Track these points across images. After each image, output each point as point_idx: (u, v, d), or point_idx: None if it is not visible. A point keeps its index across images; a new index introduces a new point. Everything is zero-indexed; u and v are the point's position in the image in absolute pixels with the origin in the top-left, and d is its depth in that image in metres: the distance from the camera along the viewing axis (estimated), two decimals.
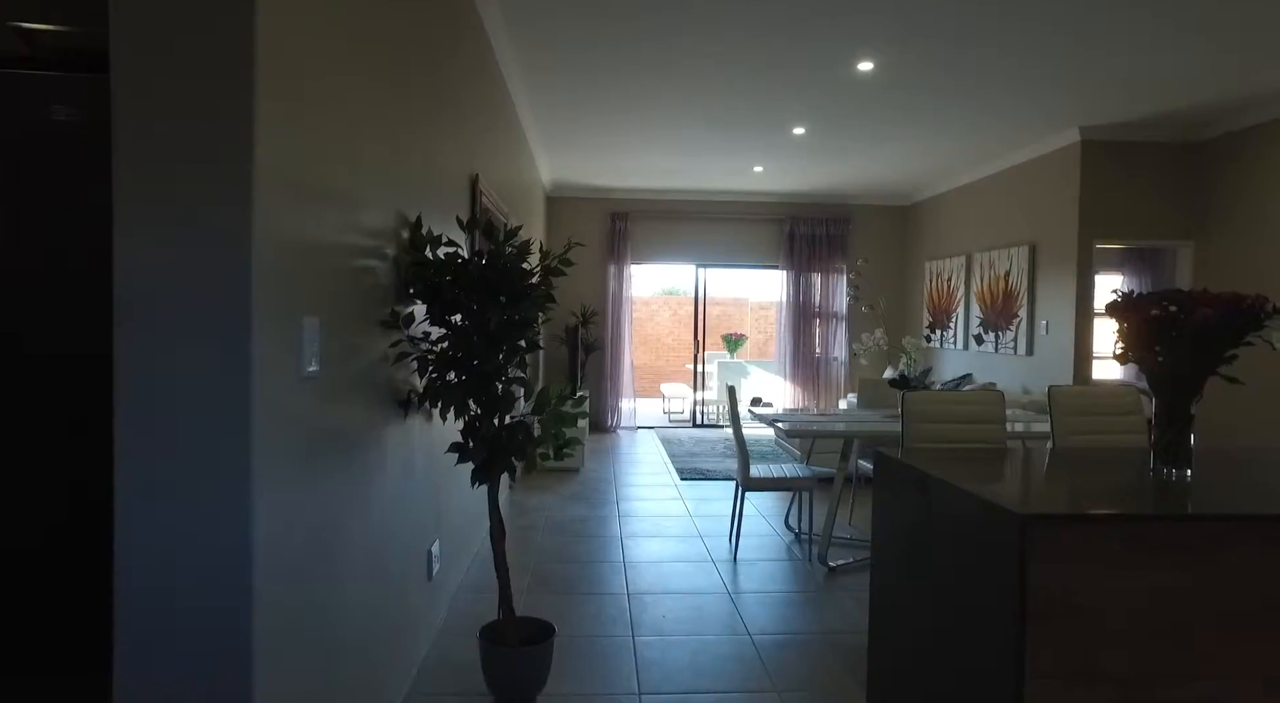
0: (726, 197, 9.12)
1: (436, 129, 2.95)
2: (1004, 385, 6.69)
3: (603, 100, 5.36)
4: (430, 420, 2.86)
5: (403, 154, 2.43)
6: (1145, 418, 2.99)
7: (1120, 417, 2.90)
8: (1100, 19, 3.85)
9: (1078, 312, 5.89)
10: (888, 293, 9.23)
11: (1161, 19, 3.79)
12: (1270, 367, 5.06)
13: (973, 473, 2.20)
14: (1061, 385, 2.88)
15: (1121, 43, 4.18)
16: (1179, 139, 5.88)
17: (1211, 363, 2.06)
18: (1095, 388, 2.91)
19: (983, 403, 2.73)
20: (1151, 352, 2.09)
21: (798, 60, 4.46)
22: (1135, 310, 2.08)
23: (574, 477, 6.22)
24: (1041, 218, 6.34)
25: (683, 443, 8.06)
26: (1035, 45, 4.24)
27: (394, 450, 2.38)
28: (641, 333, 13.39)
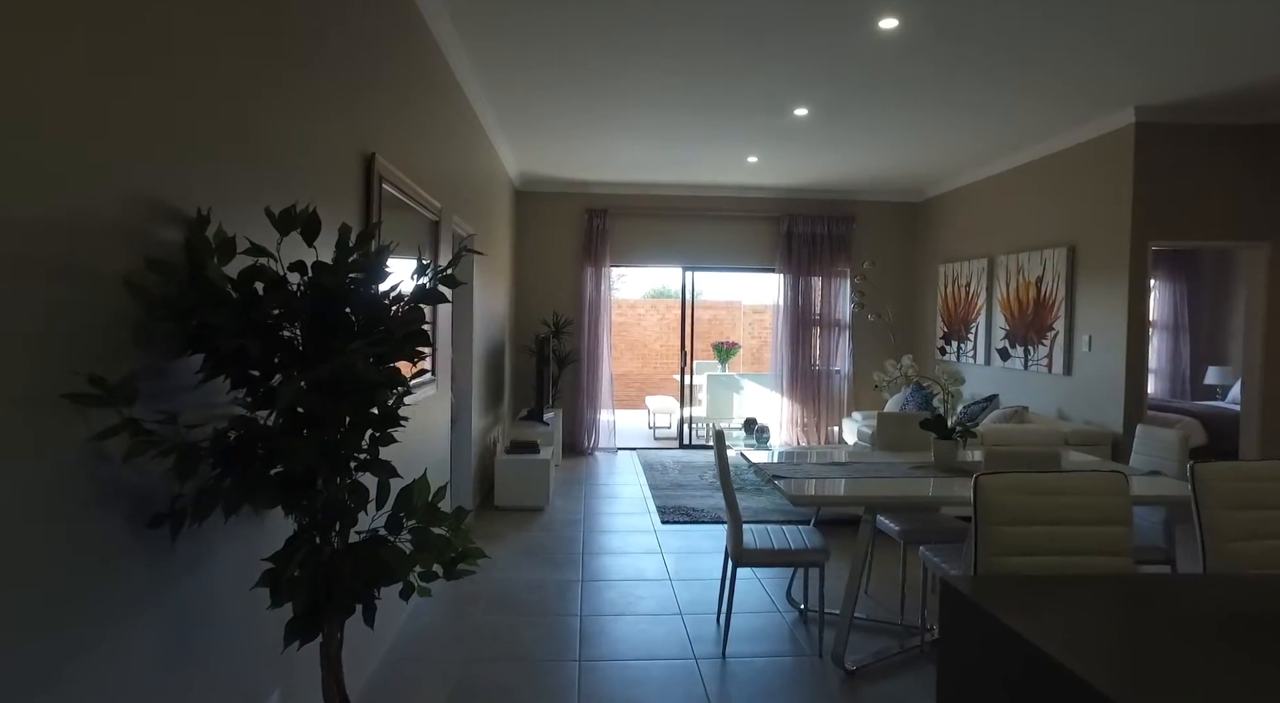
0: (717, 192, 8.18)
1: (291, 84, 2.00)
2: (1037, 409, 5.78)
3: (569, 77, 4.42)
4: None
5: (183, 103, 1.49)
6: None
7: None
8: None
9: (1130, 325, 4.98)
10: (896, 299, 8.31)
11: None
12: None
13: (1113, 655, 1.28)
14: (1211, 463, 1.96)
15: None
16: (1253, 120, 4.97)
17: None
18: (1259, 468, 2.00)
19: (1098, 493, 1.81)
20: None
21: (808, 17, 3.53)
22: None
23: (537, 518, 5.28)
24: (1084, 215, 5.42)
25: (667, 469, 7.13)
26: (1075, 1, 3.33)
27: (156, 597, 1.44)
28: (627, 338, 12.47)
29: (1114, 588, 1.61)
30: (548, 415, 6.66)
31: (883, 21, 3.56)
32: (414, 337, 1.58)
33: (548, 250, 8.15)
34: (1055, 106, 4.93)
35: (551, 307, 8.02)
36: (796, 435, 8.28)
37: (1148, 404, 5.21)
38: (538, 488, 5.49)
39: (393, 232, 2.96)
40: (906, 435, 4.03)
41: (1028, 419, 5.59)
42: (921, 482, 3.24)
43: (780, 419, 8.28)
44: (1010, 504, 1.78)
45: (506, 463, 5.48)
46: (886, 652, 3.20)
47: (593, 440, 8.06)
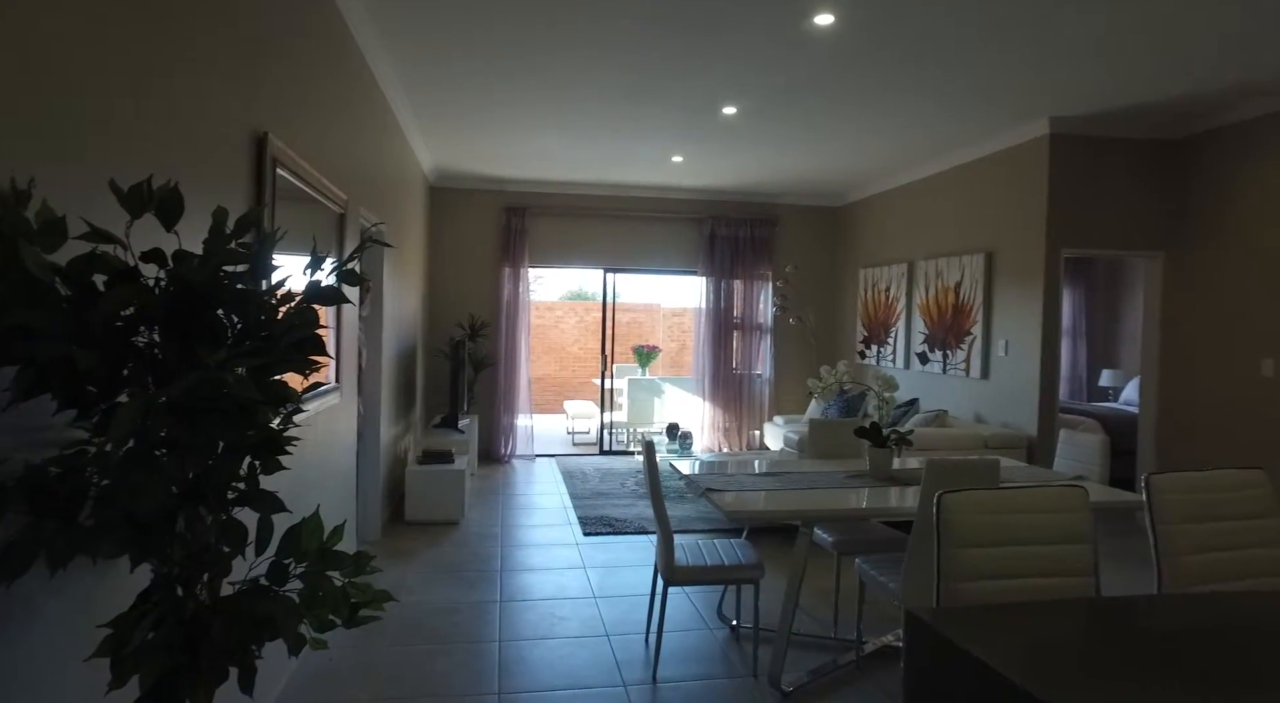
0: (640, 192, 8.02)
1: (162, 36, 1.68)
2: (955, 412, 5.86)
3: (486, 67, 4.14)
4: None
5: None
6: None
7: (1252, 521, 1.95)
8: None
9: (1044, 331, 5.09)
10: (817, 303, 8.36)
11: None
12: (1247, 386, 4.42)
13: (1093, 688, 1.15)
14: (1164, 475, 1.90)
15: (1099, 11, 3.33)
16: (1155, 135, 5.17)
17: None
18: (1215, 477, 1.96)
19: (1059, 510, 1.72)
20: None
21: (741, 8, 3.38)
22: None
23: (451, 533, 4.95)
24: (1001, 222, 5.53)
25: (588, 477, 6.90)
26: (1006, 12, 3.34)
27: None
28: (545, 341, 12.16)
29: (1090, 613, 1.50)
30: (463, 422, 6.32)
31: (818, 17, 3.45)
32: (306, 344, 1.31)
33: (464, 250, 7.79)
34: (975, 115, 4.99)
35: (467, 308, 7.67)
36: (718, 440, 8.20)
37: (1060, 413, 5.35)
38: (452, 500, 5.16)
39: (292, 226, 2.63)
40: (839, 443, 3.94)
41: (947, 423, 5.65)
42: (857, 492, 3.14)
43: (702, 424, 8.19)
44: (974, 524, 1.66)
45: (418, 474, 5.13)
46: (823, 670, 3.08)
47: (510, 447, 7.75)
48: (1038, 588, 1.73)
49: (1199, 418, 4.97)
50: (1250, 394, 4.62)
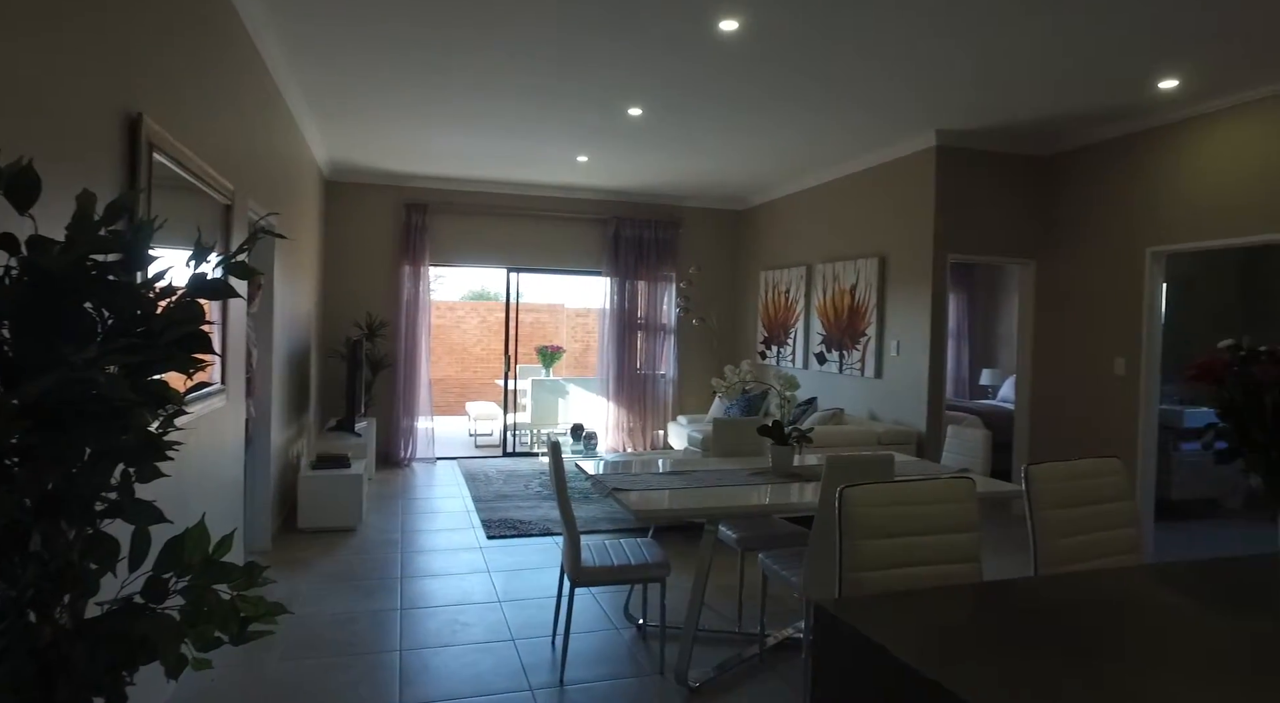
0: (545, 191, 7.95)
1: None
2: (851, 410, 6.11)
3: (384, 58, 3.99)
4: None
5: None
6: (1133, 506, 2.22)
7: (1109, 504, 2.11)
8: (968, 3, 3.21)
9: (932, 333, 5.37)
10: (720, 304, 8.53)
11: (1013, 16, 3.17)
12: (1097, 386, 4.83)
13: (984, 665, 1.22)
14: (1042, 465, 2.04)
15: (977, 33, 3.58)
16: (1028, 151, 5.55)
17: None
18: (1080, 466, 2.12)
19: (949, 501, 1.81)
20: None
21: (651, 9, 3.40)
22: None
23: (348, 540, 4.75)
24: (893, 228, 5.80)
25: (491, 479, 6.78)
26: (899, 29, 3.54)
27: None
28: (446, 342, 11.87)
29: (977, 596, 1.59)
30: (360, 425, 6.08)
31: (723, 23, 3.52)
32: (189, 341, 1.22)
33: (361, 246, 7.49)
34: (870, 125, 5.21)
35: (365, 307, 7.38)
36: (623, 440, 8.23)
37: (945, 410, 5.66)
38: (348, 506, 4.95)
39: (173, 216, 2.44)
40: (742, 441, 4.03)
41: (844, 420, 5.88)
42: (760, 488, 3.22)
43: (606, 424, 8.20)
44: (873, 517, 1.73)
45: (312, 480, 4.89)
46: (728, 664, 3.14)
47: (410, 450, 7.51)
48: (931, 575, 1.81)
49: (1065, 413, 5.37)
50: (1106, 390, 5.03)
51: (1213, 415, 1.40)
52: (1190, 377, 1.39)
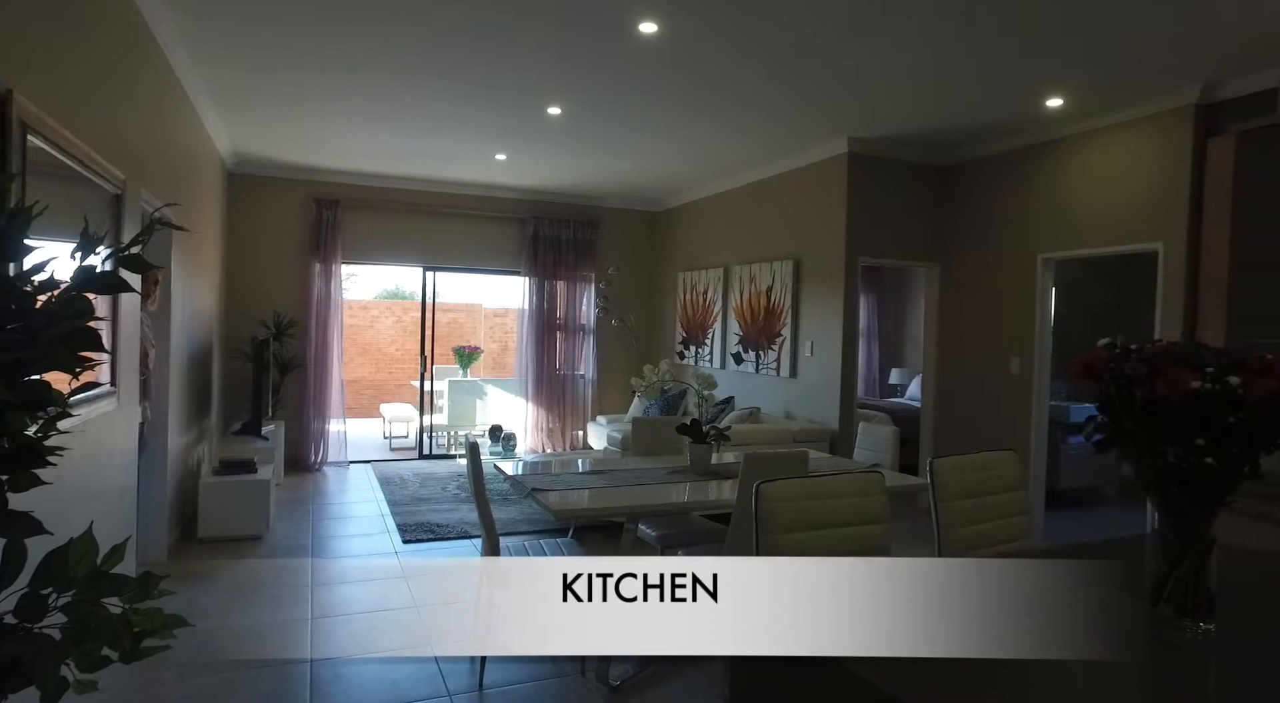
0: (462, 189, 7.81)
1: None
2: (768, 409, 6.26)
3: (288, 45, 3.83)
4: None
5: None
6: (1025, 495, 2.36)
7: (1003, 495, 2.24)
8: (874, 20, 3.40)
9: (844, 333, 5.56)
10: (639, 305, 8.58)
11: (912, 33, 3.34)
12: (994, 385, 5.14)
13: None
14: (944, 459, 2.15)
15: (874, 52, 3.77)
16: (933, 161, 5.82)
17: (1251, 457, 1.35)
18: (979, 459, 2.24)
19: (860, 494, 1.89)
20: (1184, 442, 1.33)
21: (570, 7, 3.39)
22: (1164, 380, 1.30)
23: (254, 548, 4.54)
24: (807, 231, 5.97)
25: (406, 482, 6.61)
26: (802, 45, 3.67)
27: None
28: (360, 342, 11.50)
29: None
30: (267, 428, 5.82)
31: (643, 25, 3.54)
32: (76, 338, 1.14)
33: (269, 242, 7.18)
34: (784, 131, 5.36)
35: (272, 306, 7.06)
36: (542, 441, 8.17)
37: (858, 409, 5.87)
38: (254, 513, 4.73)
39: (56, 205, 2.27)
40: (661, 440, 4.07)
41: (761, 419, 6.02)
42: (679, 487, 3.26)
43: (525, 425, 8.13)
44: (788, 511, 1.78)
45: (214, 486, 4.65)
46: (649, 661, 3.16)
47: (321, 454, 7.24)
48: (843, 556, 1.88)
49: (966, 410, 5.66)
50: (1003, 388, 5.33)
51: (1094, 410, 1.51)
52: (1074, 374, 1.49)
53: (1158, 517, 1.44)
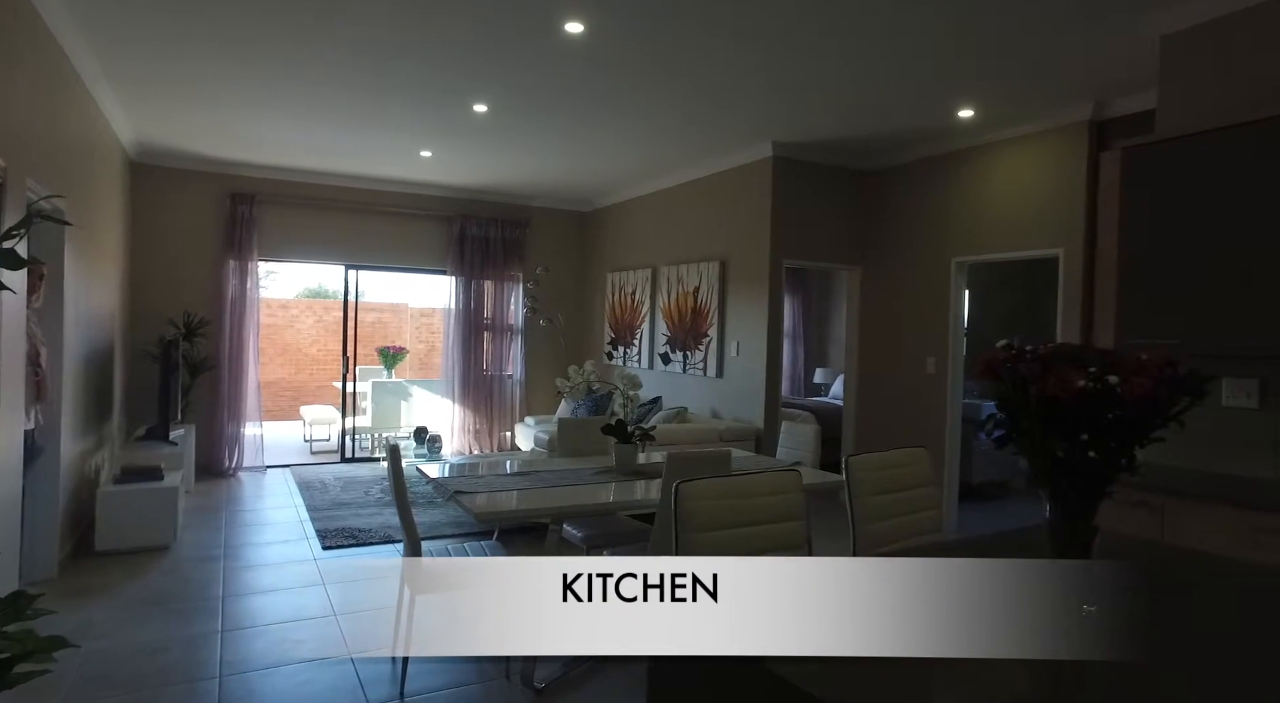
0: (386, 186, 7.63)
1: None
2: (694, 409, 6.33)
3: (194, 28, 3.66)
4: None
5: None
6: (936, 490, 2.47)
7: (915, 490, 2.33)
8: (794, 31, 3.49)
9: (769, 334, 5.68)
10: (567, 305, 8.55)
11: (831, 45, 3.46)
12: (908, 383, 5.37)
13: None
14: (860, 456, 2.22)
15: (793, 61, 3.88)
16: (855, 166, 5.99)
17: (1127, 451, 1.44)
18: (892, 456, 2.32)
19: (778, 492, 1.93)
20: (1070, 437, 1.41)
21: (495, 5, 3.35)
22: (1054, 379, 1.38)
23: (159, 560, 4.32)
24: (734, 233, 6.07)
25: (328, 487, 6.41)
26: (724, 54, 3.75)
27: None
28: (279, 342, 11.09)
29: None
30: (176, 433, 5.56)
31: (569, 25, 3.54)
32: None
33: (179, 238, 6.84)
34: (711, 134, 5.43)
35: (182, 304, 6.74)
36: (469, 443, 8.06)
37: (782, 409, 6.00)
38: (160, 522, 4.50)
39: None
40: (587, 441, 4.07)
41: (688, 419, 6.08)
42: (604, 487, 3.27)
43: (452, 426, 7.99)
44: (707, 509, 1.81)
45: (115, 495, 4.41)
46: (575, 662, 3.16)
47: (236, 459, 6.95)
48: (762, 554, 1.92)
49: (886, 408, 5.86)
50: (920, 387, 5.54)
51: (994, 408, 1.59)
52: (976, 374, 1.56)
53: (1048, 507, 1.53)
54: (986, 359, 1.56)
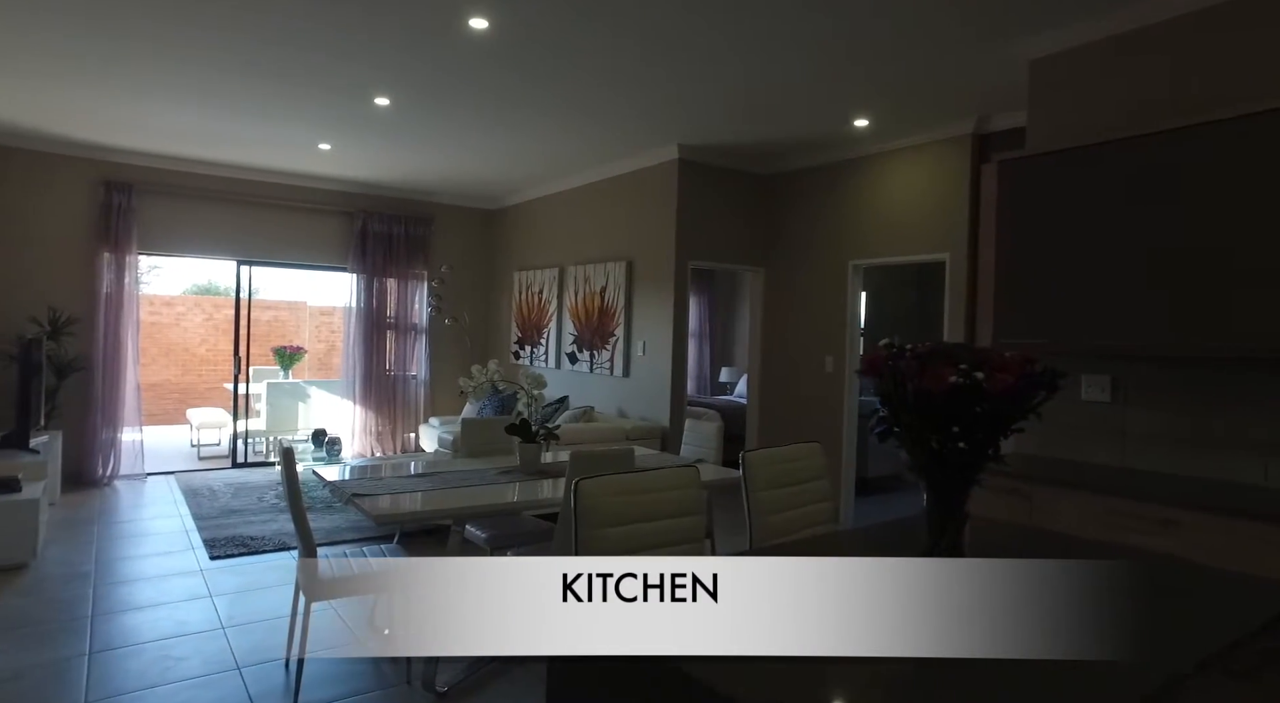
0: (283, 179, 7.30)
1: None
2: (601, 408, 6.35)
3: (46, 2, 3.40)
4: None
5: None
6: (829, 483, 2.57)
7: (809, 483, 2.42)
8: (694, 33, 3.57)
9: (675, 333, 5.77)
10: (474, 304, 8.42)
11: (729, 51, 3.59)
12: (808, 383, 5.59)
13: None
14: (757, 451, 2.29)
15: (693, 69, 3.99)
16: (758, 170, 6.16)
17: (993, 442, 1.55)
18: (788, 451, 2.40)
19: (676, 488, 1.97)
20: (943, 430, 1.50)
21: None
22: (929, 376, 1.47)
23: (15, 580, 3.98)
24: (640, 233, 6.13)
25: (217, 494, 6.08)
26: (625, 56, 3.80)
27: None
28: (163, 341, 10.42)
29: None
30: (38, 440, 5.15)
31: (474, 20, 3.49)
32: None
33: (41, 228, 6.33)
34: (618, 134, 5.47)
35: (47, 300, 6.23)
36: (371, 445, 7.81)
37: (686, 401, 6.10)
38: (17, 538, 4.14)
39: None
40: (491, 441, 4.02)
41: (595, 418, 6.10)
42: (508, 487, 3.24)
43: (353, 429, 7.73)
44: (606, 506, 1.83)
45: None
46: (477, 664, 3.12)
47: (111, 467, 6.48)
48: (661, 549, 1.96)
49: (787, 406, 6.05)
50: (819, 385, 5.75)
51: (878, 403, 1.68)
52: (862, 372, 1.65)
53: (925, 496, 1.63)
54: (869, 358, 1.65)
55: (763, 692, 1.20)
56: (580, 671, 1.59)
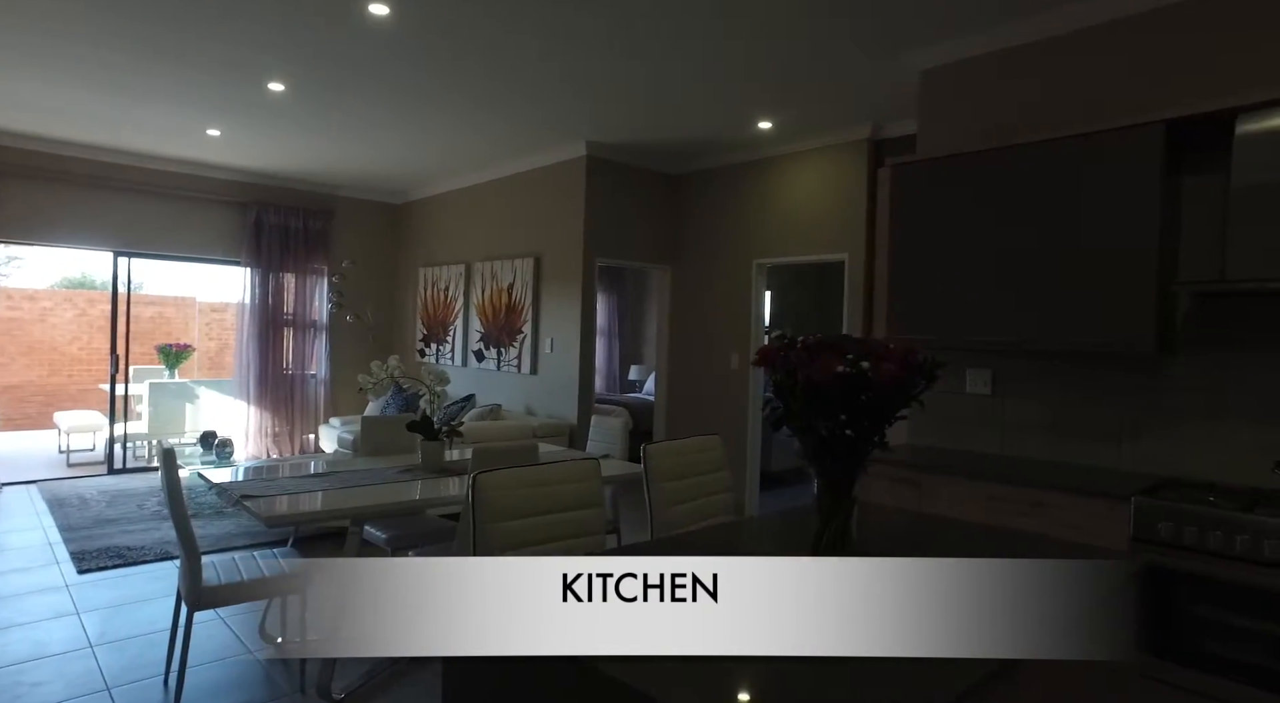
0: (166, 165, 6.86)
1: None
2: (509, 406, 6.28)
3: None
4: None
5: None
6: (728, 475, 2.62)
7: (709, 475, 2.47)
8: (594, 32, 3.60)
9: (582, 330, 5.76)
10: (377, 300, 8.16)
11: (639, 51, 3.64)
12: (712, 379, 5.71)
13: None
14: (656, 444, 2.31)
15: (597, 58, 3.99)
16: (666, 169, 6.22)
17: (878, 429, 1.62)
18: (688, 444, 2.44)
19: (575, 480, 1.96)
20: (831, 418, 1.56)
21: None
22: (817, 365, 1.52)
23: None
24: (548, 230, 6.09)
25: (89, 503, 5.65)
26: (527, 40, 3.78)
27: None
28: (26, 339, 9.60)
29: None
30: None
31: (373, 6, 3.38)
32: None
33: None
34: (525, 129, 5.41)
35: None
36: (267, 447, 7.46)
37: (595, 398, 6.11)
38: None
39: None
40: (393, 439, 3.91)
41: (502, 416, 6.02)
42: (410, 485, 3.16)
43: (247, 430, 7.35)
44: (506, 499, 1.81)
45: None
46: (375, 669, 3.03)
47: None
48: (564, 550, 1.96)
49: (695, 402, 6.14)
50: (725, 381, 5.87)
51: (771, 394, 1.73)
52: (755, 362, 1.69)
53: (815, 482, 1.69)
54: (763, 350, 1.69)
55: (673, 689, 1.18)
56: (476, 671, 1.56)
